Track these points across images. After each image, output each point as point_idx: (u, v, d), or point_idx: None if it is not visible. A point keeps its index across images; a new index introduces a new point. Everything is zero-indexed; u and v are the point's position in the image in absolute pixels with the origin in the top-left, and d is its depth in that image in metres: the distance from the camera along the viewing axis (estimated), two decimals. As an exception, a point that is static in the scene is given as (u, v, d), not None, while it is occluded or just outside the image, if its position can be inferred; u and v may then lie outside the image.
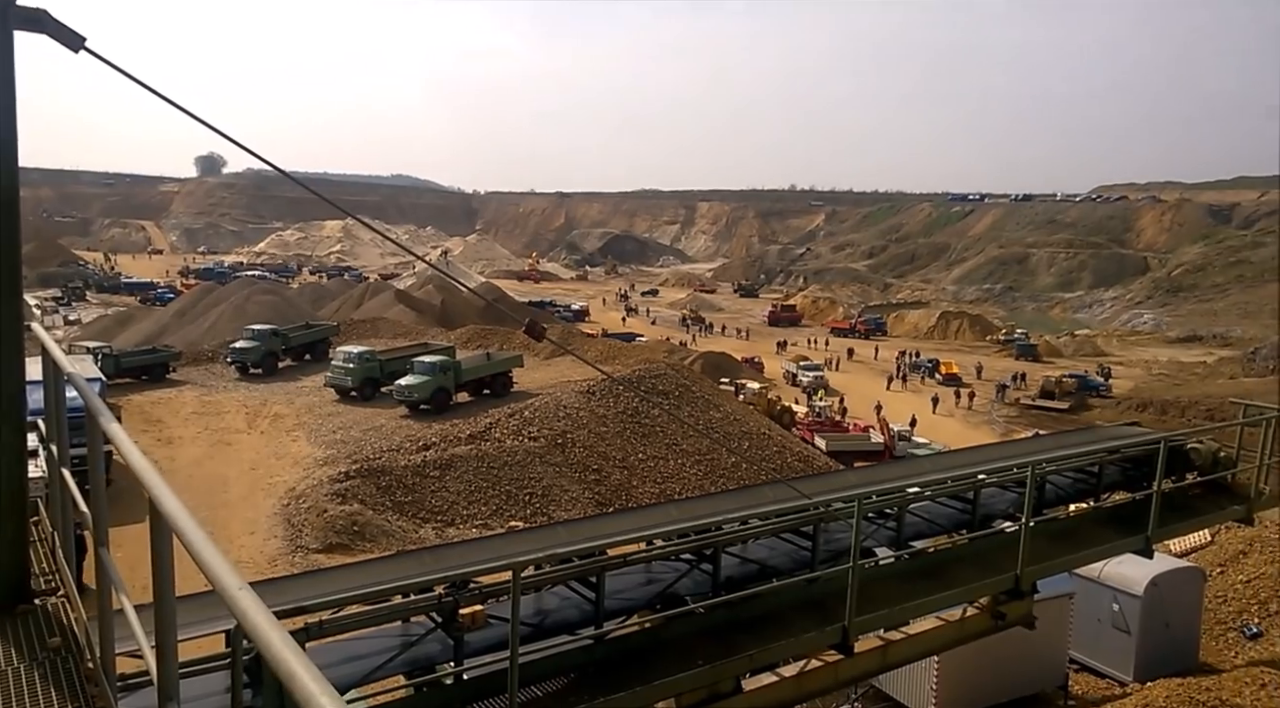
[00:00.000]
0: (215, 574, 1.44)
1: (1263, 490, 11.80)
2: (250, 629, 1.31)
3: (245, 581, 1.41)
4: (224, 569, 1.44)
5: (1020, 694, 16.17)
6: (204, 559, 1.50)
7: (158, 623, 2.01)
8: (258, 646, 1.29)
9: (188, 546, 1.58)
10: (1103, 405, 56.10)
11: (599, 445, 29.00)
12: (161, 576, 1.99)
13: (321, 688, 1.17)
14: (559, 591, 7.42)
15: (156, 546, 1.96)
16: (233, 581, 1.41)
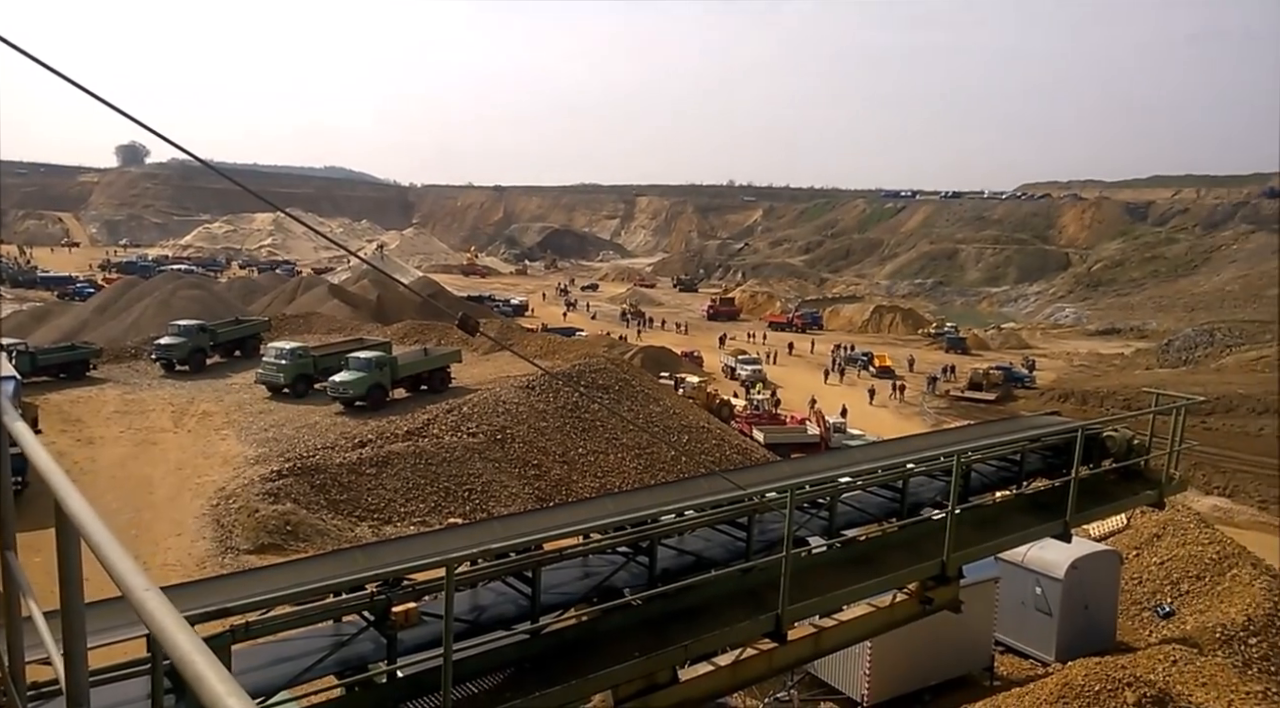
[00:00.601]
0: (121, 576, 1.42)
1: (1173, 476, 12.35)
2: (157, 631, 1.29)
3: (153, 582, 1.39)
4: (130, 571, 1.42)
5: (949, 677, 16.69)
6: (110, 561, 1.47)
7: (65, 629, 1.97)
8: (165, 648, 1.27)
9: (93, 548, 1.55)
10: (1027, 396, 57.98)
11: (539, 441, 28.88)
12: (69, 580, 1.94)
13: (229, 689, 1.17)
14: (495, 586, 7.40)
15: (63, 548, 1.92)
16: (139, 582, 1.39)
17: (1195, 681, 14.77)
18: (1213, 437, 45.54)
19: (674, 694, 7.94)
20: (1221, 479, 41.18)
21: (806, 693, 16.75)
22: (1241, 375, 59.32)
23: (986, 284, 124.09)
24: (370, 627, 6.03)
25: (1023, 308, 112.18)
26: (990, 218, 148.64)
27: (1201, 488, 40.18)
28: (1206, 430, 46.43)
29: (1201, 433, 44.94)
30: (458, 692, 6.30)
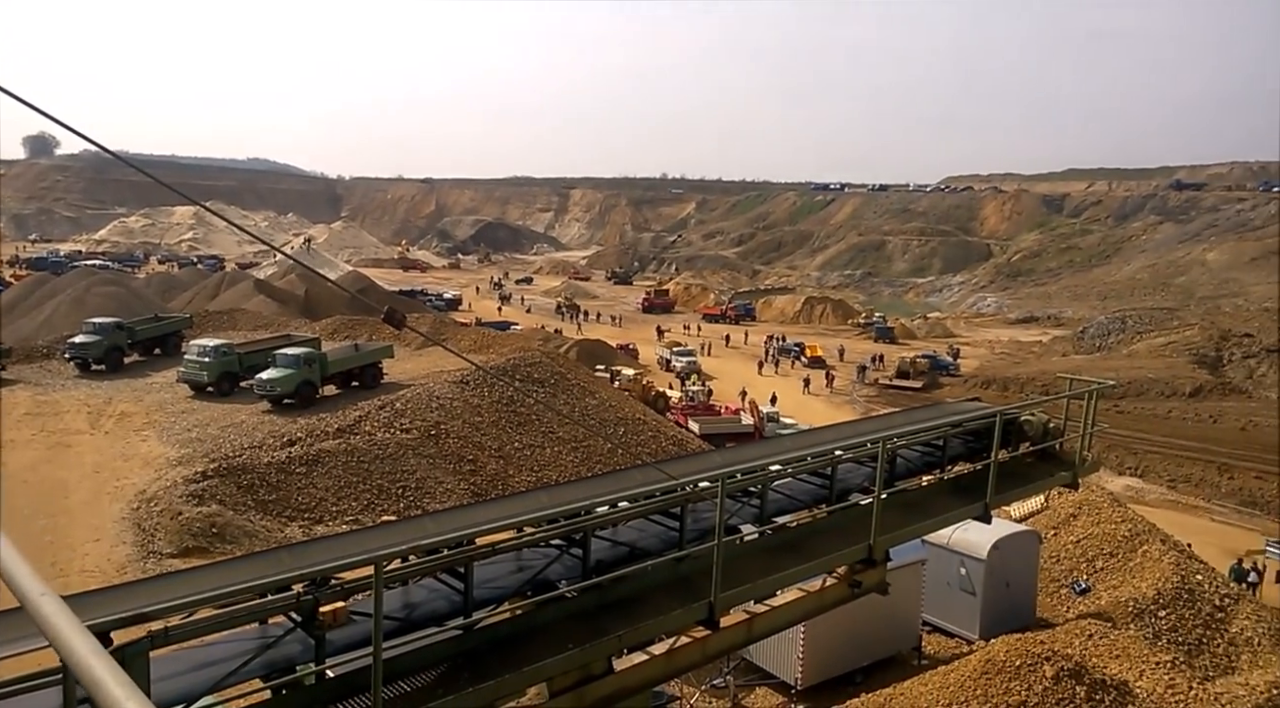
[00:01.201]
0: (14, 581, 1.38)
1: (1086, 457, 12.87)
2: (52, 637, 1.27)
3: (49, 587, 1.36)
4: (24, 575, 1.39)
5: (879, 657, 17.17)
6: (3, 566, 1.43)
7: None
8: (60, 654, 1.25)
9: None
10: (952, 383, 59.68)
11: (474, 436, 28.63)
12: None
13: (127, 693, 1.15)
14: (427, 583, 7.34)
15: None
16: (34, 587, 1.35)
17: (1109, 653, 15.48)
18: (1125, 420, 47.62)
19: (609, 685, 7.99)
20: (1133, 460, 43.01)
21: (742, 679, 17.03)
22: (1151, 360, 62.07)
23: (913, 275, 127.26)
24: (297, 628, 5.93)
25: (947, 298, 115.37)
26: (915, 210, 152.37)
27: (1115, 469, 41.95)
28: (1119, 414, 48.54)
29: (1114, 416, 46.99)
30: (389, 691, 6.24)
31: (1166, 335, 67.23)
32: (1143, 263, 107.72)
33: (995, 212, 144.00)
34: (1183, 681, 14.26)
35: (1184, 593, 18.28)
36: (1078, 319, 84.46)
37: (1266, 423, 47.85)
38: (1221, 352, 61.15)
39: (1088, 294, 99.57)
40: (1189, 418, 49.48)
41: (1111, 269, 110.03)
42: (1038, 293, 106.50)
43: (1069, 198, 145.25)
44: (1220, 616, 17.92)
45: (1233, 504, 38.14)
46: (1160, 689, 14.03)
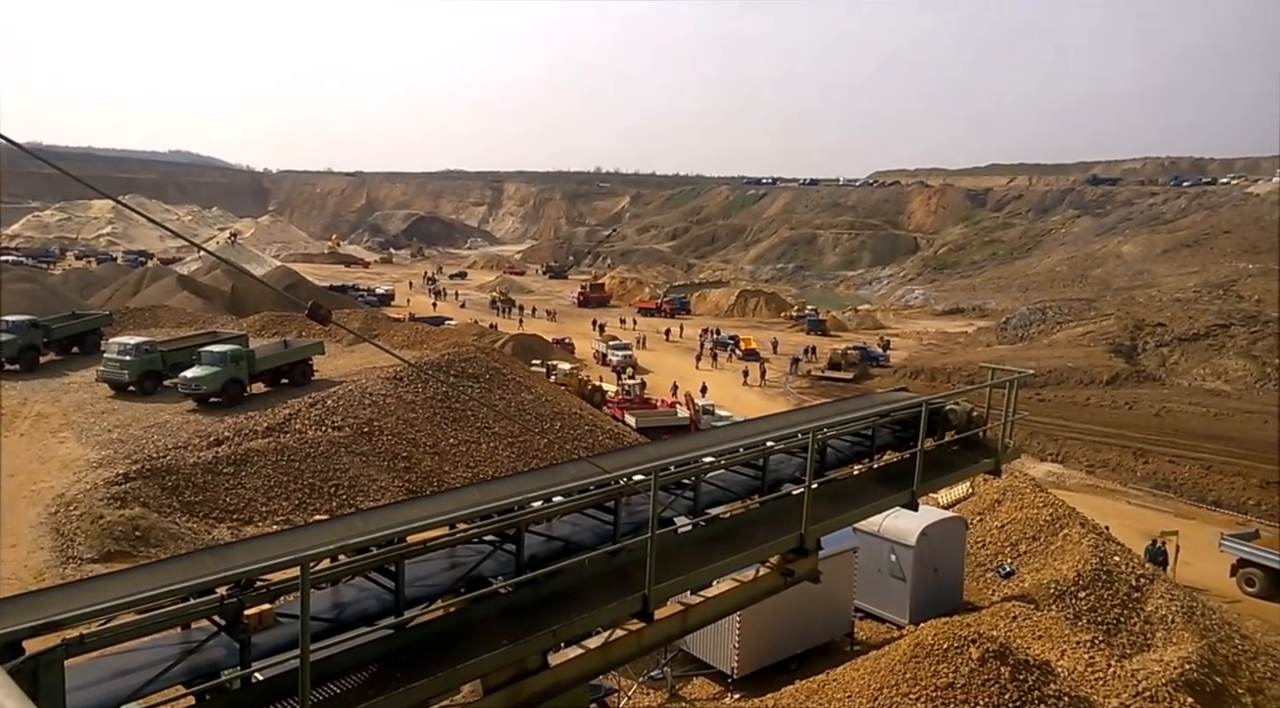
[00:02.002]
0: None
1: (1007, 445, 13.33)
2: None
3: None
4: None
5: (813, 644, 17.48)
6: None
7: None
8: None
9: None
10: (882, 374, 61.03)
11: (408, 432, 28.24)
12: None
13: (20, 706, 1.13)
14: (358, 582, 7.23)
15: None
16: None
17: (1032, 634, 16.05)
18: (1046, 407, 49.36)
19: (544, 679, 7.99)
20: (1054, 446, 44.61)
21: (680, 670, 17.18)
22: (1070, 350, 64.41)
23: (843, 268, 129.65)
24: (222, 632, 5.79)
25: (877, 290, 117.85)
26: (845, 204, 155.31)
27: (1036, 455, 43.47)
28: (1041, 402, 50.27)
29: (1036, 404, 48.69)
30: (319, 693, 6.14)
31: (1084, 325, 69.81)
32: (1062, 255, 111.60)
33: (922, 206, 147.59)
34: (1101, 659, 14.85)
35: (1102, 574, 19.02)
36: (1001, 310, 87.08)
37: (1179, 409, 50.13)
38: (1136, 341, 63.78)
39: (1010, 286, 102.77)
40: (1106, 405, 51.48)
41: (1032, 261, 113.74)
42: (963, 285, 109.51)
43: (992, 192, 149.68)
44: (1136, 595, 18.72)
45: (1148, 487, 39.85)
46: (1080, 668, 14.60)
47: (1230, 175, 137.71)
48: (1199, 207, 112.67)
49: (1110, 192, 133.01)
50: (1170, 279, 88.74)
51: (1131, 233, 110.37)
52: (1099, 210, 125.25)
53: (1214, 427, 46.61)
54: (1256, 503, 37.15)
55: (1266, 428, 46.23)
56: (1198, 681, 13.94)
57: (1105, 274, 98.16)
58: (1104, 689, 13.71)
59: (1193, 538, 30.38)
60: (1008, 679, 11.73)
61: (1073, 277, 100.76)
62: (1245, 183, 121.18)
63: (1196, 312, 69.05)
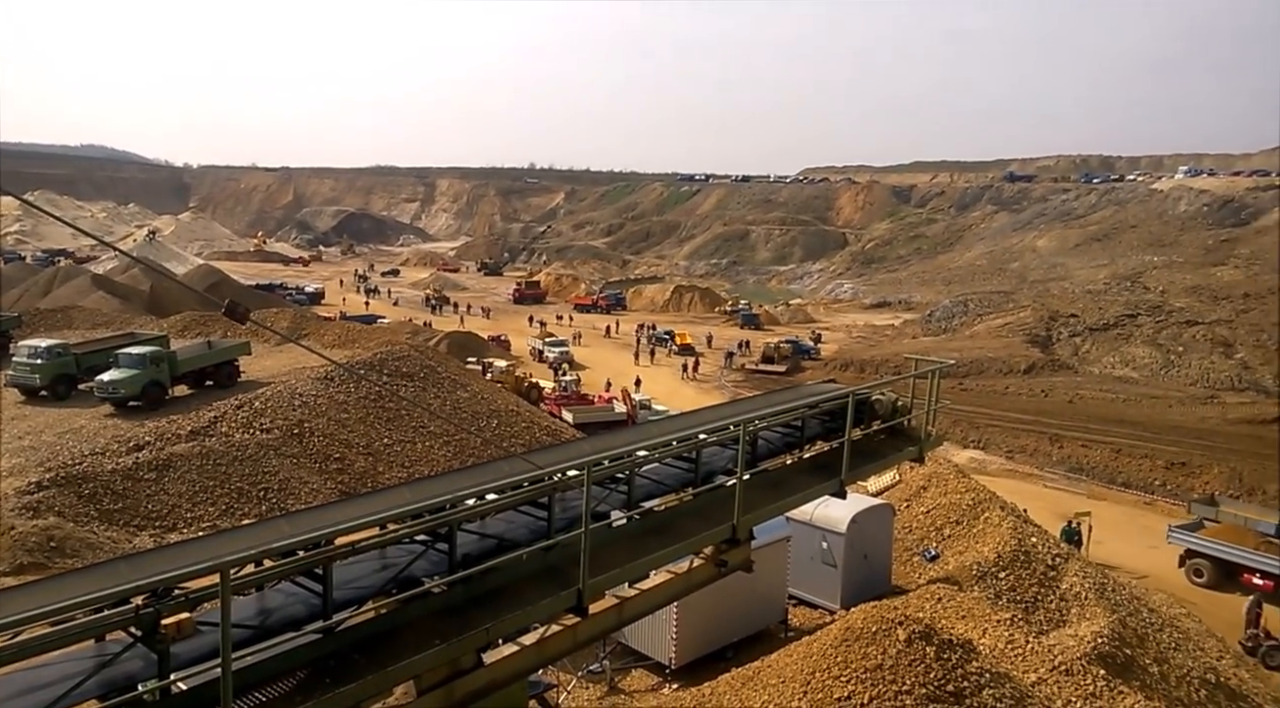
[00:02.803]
0: None
1: (930, 432, 13.75)
2: None
3: None
4: None
5: (750, 632, 17.77)
6: None
7: None
8: None
9: None
10: (814, 367, 62.16)
11: (340, 433, 27.71)
12: None
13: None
14: (284, 587, 7.11)
15: None
16: None
17: (956, 614, 16.59)
18: (968, 397, 50.95)
19: (479, 678, 7.98)
20: (976, 434, 46.06)
21: (619, 662, 17.27)
22: (991, 340, 66.57)
23: (775, 263, 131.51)
24: (138, 643, 5.63)
25: (808, 285, 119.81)
26: (776, 200, 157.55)
27: (959, 442, 44.83)
28: (963, 391, 51.88)
29: (958, 394, 50.22)
30: (244, 702, 6.02)
31: (1003, 317, 72.20)
32: (982, 250, 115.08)
33: (850, 202, 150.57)
34: (1020, 636, 15.44)
35: (1021, 555, 19.73)
36: (925, 303, 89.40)
37: (1091, 395, 52.27)
38: (1051, 331, 66.25)
39: (934, 279, 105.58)
40: (1024, 393, 53.37)
41: (955, 256, 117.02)
42: (890, 279, 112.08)
43: (916, 189, 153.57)
44: (1053, 574, 19.47)
45: (1062, 471, 41.47)
46: (1001, 645, 15.17)
47: (1136, 172, 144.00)
48: (1108, 202, 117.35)
49: (1026, 188, 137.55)
50: (1082, 272, 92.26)
51: (1046, 228, 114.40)
52: (1016, 206, 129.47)
53: (1123, 412, 48.76)
54: (1162, 483, 39.01)
55: (1171, 412, 48.58)
56: (1109, 653, 14.57)
57: (1022, 267, 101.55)
58: (1023, 665, 14.27)
59: (1104, 518, 31.78)
60: (933, 659, 12.09)
61: (992, 270, 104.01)
62: (1150, 180, 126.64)
63: (1106, 303, 72.01)
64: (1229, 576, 28.02)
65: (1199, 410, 48.94)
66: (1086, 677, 13.93)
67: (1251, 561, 27.71)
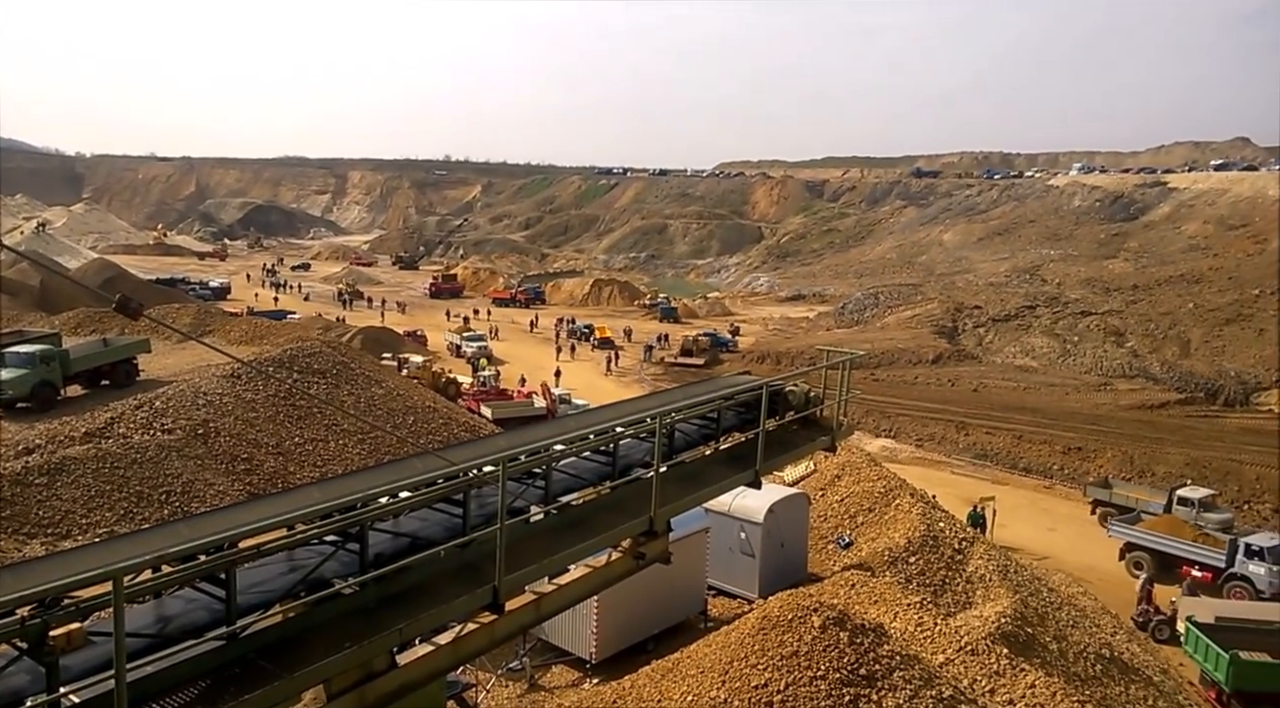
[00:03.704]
0: None
1: (842, 422, 14.09)
2: None
3: None
4: None
5: (670, 624, 17.92)
6: None
7: None
8: None
9: None
10: (732, 359, 62.99)
11: (248, 433, 26.75)
12: None
13: None
14: (185, 594, 6.84)
15: None
16: None
17: (869, 599, 17.08)
18: (880, 387, 52.44)
19: (392, 680, 7.82)
20: (888, 423, 47.44)
21: (539, 659, 17.20)
22: (900, 332, 68.64)
23: (693, 256, 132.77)
24: (24, 656, 5.32)
25: (725, 278, 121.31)
26: (694, 194, 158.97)
27: (872, 432, 46.11)
28: (875, 382, 53.36)
29: (870, 384, 51.64)
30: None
31: (912, 309, 74.52)
32: (891, 243, 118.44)
33: (765, 196, 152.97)
34: (929, 618, 15.99)
35: (929, 540, 20.40)
36: (838, 296, 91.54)
37: (994, 384, 54.45)
38: (957, 322, 68.73)
39: (846, 273, 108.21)
40: (932, 383, 55.24)
41: (866, 249, 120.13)
42: (804, 272, 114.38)
43: (828, 184, 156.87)
44: (959, 557, 20.20)
45: (968, 458, 43.10)
46: (911, 628, 15.68)
47: (1034, 169, 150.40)
48: (1008, 198, 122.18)
49: (932, 184, 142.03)
50: (985, 265, 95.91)
51: (951, 222, 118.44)
52: (923, 201, 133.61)
53: (1023, 399, 50.97)
54: (1060, 467, 40.92)
55: (1068, 399, 51.01)
56: (1012, 632, 15.20)
57: (929, 261, 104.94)
58: (931, 646, 14.78)
59: (1007, 502, 33.16)
60: (846, 644, 12.40)
61: (901, 263, 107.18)
62: (1047, 176, 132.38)
63: (1007, 295, 75.09)
64: (1166, 568, 28.48)
65: (1093, 397, 51.50)
66: (991, 656, 14.51)
67: (1190, 553, 28.23)
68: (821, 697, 11.67)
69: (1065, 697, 13.54)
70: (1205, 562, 27.95)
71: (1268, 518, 35.54)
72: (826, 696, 11.68)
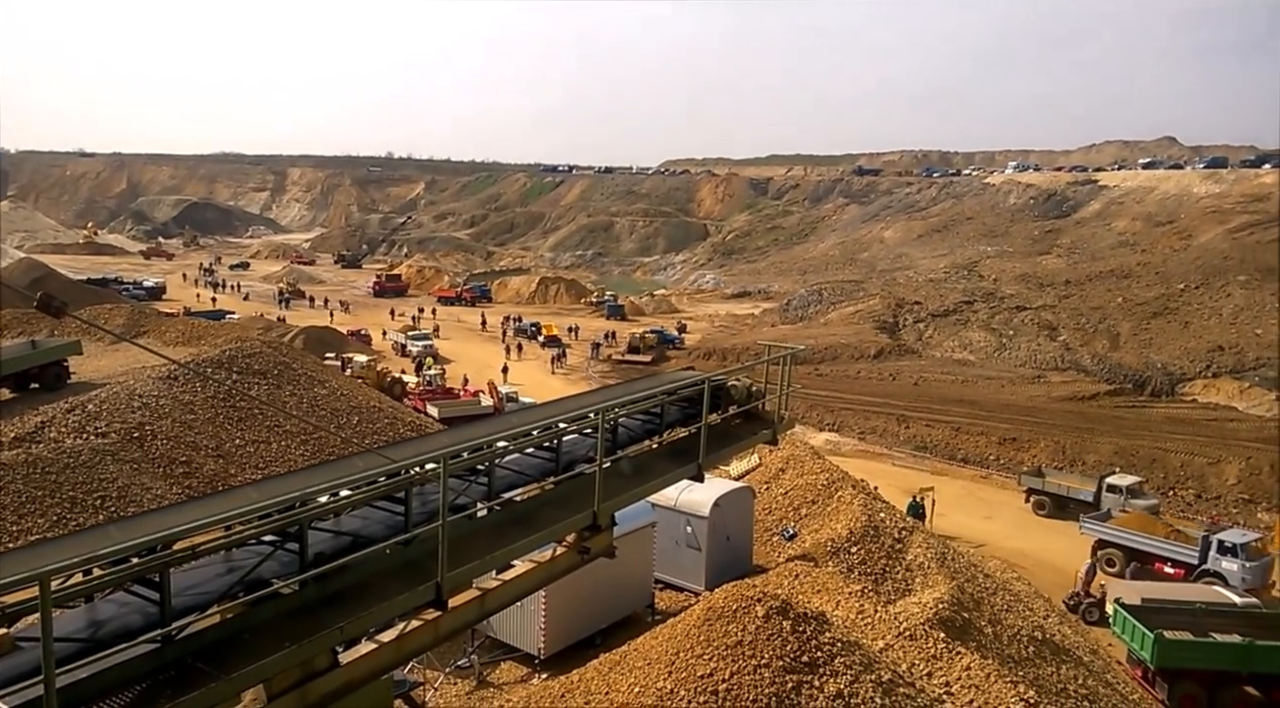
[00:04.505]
0: None
1: (783, 415, 14.35)
2: None
3: None
4: None
5: (617, 618, 18.04)
6: None
7: None
8: None
9: None
10: (678, 356, 63.43)
11: (187, 435, 26.14)
12: None
13: None
14: (119, 597, 6.73)
15: None
16: None
17: (812, 589, 17.42)
18: (823, 382, 53.30)
19: (335, 679, 7.79)
20: (831, 417, 48.25)
21: (487, 656, 17.18)
22: (843, 328, 69.78)
23: (639, 254, 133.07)
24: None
25: (671, 276, 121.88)
26: (639, 192, 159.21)
27: (816, 426, 46.86)
28: (819, 377, 54.22)
29: (814, 379, 52.46)
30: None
31: (855, 305, 75.81)
32: (834, 241, 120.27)
33: (710, 194, 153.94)
34: (870, 606, 16.38)
35: (871, 530, 20.87)
36: (783, 293, 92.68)
37: (933, 378, 55.73)
38: (898, 318, 70.16)
39: (791, 270, 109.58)
40: (874, 377, 56.33)
41: (809, 246, 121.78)
42: (749, 269, 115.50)
43: (772, 181, 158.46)
44: (899, 546, 20.71)
45: (909, 450, 44.08)
46: (852, 616, 16.04)
47: (972, 167, 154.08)
48: (947, 196, 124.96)
49: (874, 182, 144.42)
50: (924, 261, 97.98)
51: (892, 219, 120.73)
52: (865, 199, 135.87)
53: (962, 392, 52.29)
54: (996, 458, 42.12)
55: (1004, 392, 52.45)
56: (949, 617, 15.66)
57: (871, 258, 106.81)
58: (872, 633, 15.15)
59: (946, 493, 34.04)
60: (789, 632, 12.65)
61: (844, 260, 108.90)
62: (984, 174, 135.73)
63: (946, 290, 76.86)
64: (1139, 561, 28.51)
65: (1028, 389, 53.05)
66: (928, 640, 14.92)
67: (1163, 550, 28.38)
68: (765, 684, 11.89)
69: (999, 678, 13.99)
70: (1178, 559, 27.95)
71: (1190, 503, 37.12)
72: (770, 683, 11.91)
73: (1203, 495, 37.51)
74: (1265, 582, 27.07)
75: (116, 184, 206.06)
